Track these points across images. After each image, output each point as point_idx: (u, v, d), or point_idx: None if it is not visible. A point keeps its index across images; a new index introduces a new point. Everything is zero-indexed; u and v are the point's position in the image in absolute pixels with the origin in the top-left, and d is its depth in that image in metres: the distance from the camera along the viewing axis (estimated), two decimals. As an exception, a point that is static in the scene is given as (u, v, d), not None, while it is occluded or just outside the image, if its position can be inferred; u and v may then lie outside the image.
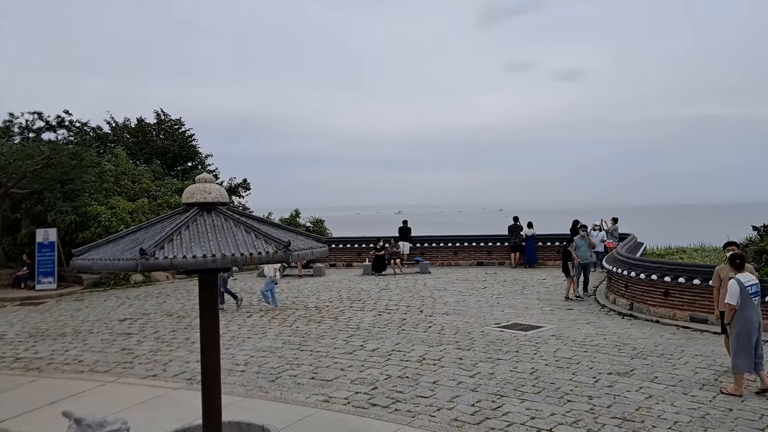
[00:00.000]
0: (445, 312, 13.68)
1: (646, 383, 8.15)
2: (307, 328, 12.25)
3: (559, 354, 9.75)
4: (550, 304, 14.63)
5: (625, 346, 10.25)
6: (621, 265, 14.21)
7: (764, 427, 6.53)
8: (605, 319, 12.89)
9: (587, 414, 7.00)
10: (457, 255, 23.44)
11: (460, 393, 7.84)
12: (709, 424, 6.65)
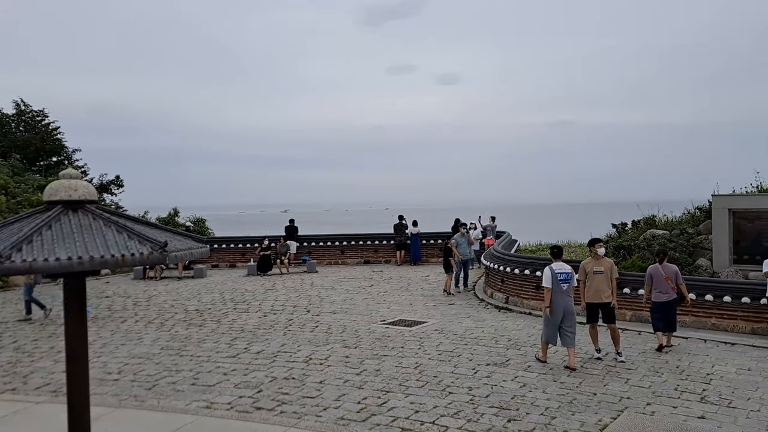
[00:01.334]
0: (332, 311, 13.69)
1: (520, 372, 8.64)
2: (187, 332, 11.73)
3: (442, 348, 10.09)
4: (434, 299, 15.12)
5: (502, 337, 10.82)
6: (497, 261, 14.98)
7: (623, 409, 7.16)
8: (484, 312, 13.53)
9: (467, 404, 7.30)
10: (344, 254, 23.55)
11: (346, 391, 7.87)
12: (576, 408, 7.17)
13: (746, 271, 13.33)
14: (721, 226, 13.90)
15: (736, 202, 14.06)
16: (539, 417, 6.88)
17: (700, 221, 15.21)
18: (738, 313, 11.03)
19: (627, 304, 12.15)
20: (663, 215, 17.07)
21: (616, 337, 9.41)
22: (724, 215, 13.85)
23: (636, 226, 16.78)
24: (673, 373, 8.54)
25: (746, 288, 11.12)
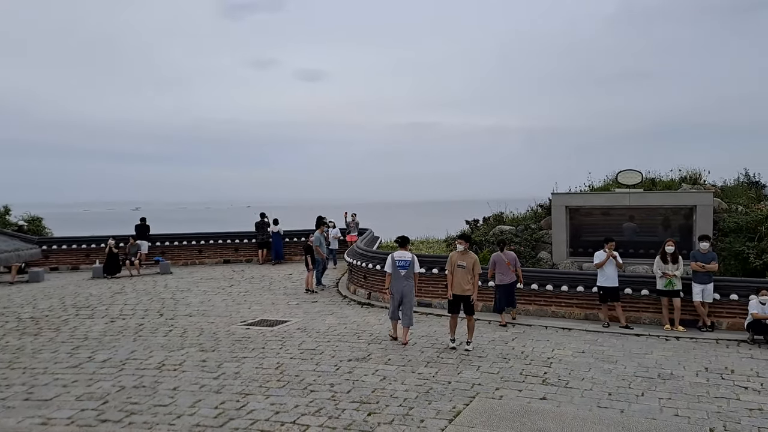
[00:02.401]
0: (188, 314, 13.04)
1: (381, 366, 8.82)
2: (20, 342, 10.55)
3: (304, 346, 10.01)
4: (297, 298, 14.98)
5: (364, 333, 10.98)
6: (360, 258, 15.19)
7: (474, 395, 7.56)
8: (347, 309, 13.64)
9: (329, 401, 7.30)
10: (202, 253, 22.57)
11: (202, 397, 7.52)
12: (432, 397, 7.46)
13: (581, 262, 14.73)
14: (559, 221, 15.23)
15: (572, 200, 15.49)
16: (398, 408, 7.06)
17: (541, 217, 16.56)
18: (574, 301, 12.15)
19: (479, 296, 12.88)
20: (510, 212, 18.37)
21: (471, 327, 9.94)
22: (561, 212, 15.20)
23: (486, 222, 17.90)
24: (518, 359, 9.19)
25: (581, 278, 12.28)
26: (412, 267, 10.27)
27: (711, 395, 7.47)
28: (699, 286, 10.81)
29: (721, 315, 11.02)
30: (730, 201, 15.47)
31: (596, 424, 6.53)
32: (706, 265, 10.82)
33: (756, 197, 16.45)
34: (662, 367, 8.71)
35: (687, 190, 15.52)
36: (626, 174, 15.62)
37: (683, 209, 14.42)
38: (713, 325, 10.91)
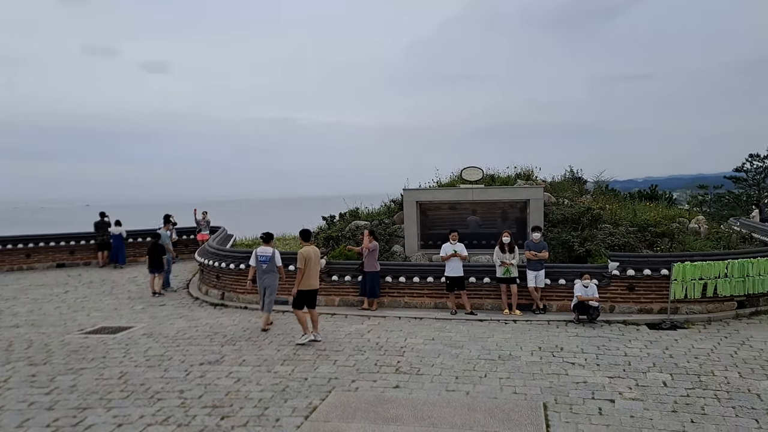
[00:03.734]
0: (14, 324, 11.72)
1: (235, 368, 8.58)
2: None
3: (151, 353, 9.44)
4: (142, 302, 14.07)
5: (217, 335, 10.60)
6: (212, 257, 14.63)
7: (331, 389, 7.63)
8: (198, 311, 13.08)
9: (178, 409, 6.96)
10: (30, 257, 20.34)
11: (32, 415, 6.81)
12: (288, 395, 7.41)
13: (430, 254, 15.44)
14: (411, 216, 15.85)
15: (422, 195, 16.18)
16: (253, 410, 6.92)
17: (394, 212, 17.10)
18: (425, 291, 12.71)
19: (336, 290, 13.03)
20: (365, 208, 18.75)
21: (316, 320, 10.10)
22: (412, 207, 15.82)
23: (343, 218, 18.11)
24: (373, 350, 9.43)
25: (430, 269, 12.88)
26: (273, 261, 10.94)
27: (544, 372, 8.22)
28: (532, 273, 11.84)
29: (551, 298, 12.15)
30: (558, 195, 17.09)
31: (445, 407, 6.90)
32: (538, 254, 11.87)
33: (579, 191, 18.36)
34: (502, 349, 9.42)
35: (521, 185, 16.89)
36: (469, 171, 16.65)
37: (519, 203, 15.67)
38: (545, 307, 12.01)
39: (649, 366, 8.36)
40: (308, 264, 9.86)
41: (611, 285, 11.77)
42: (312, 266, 9.93)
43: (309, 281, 9.92)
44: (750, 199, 35.42)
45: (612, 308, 11.72)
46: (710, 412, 6.65)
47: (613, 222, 15.33)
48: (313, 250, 10.09)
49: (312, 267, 9.93)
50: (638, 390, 7.40)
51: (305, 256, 9.89)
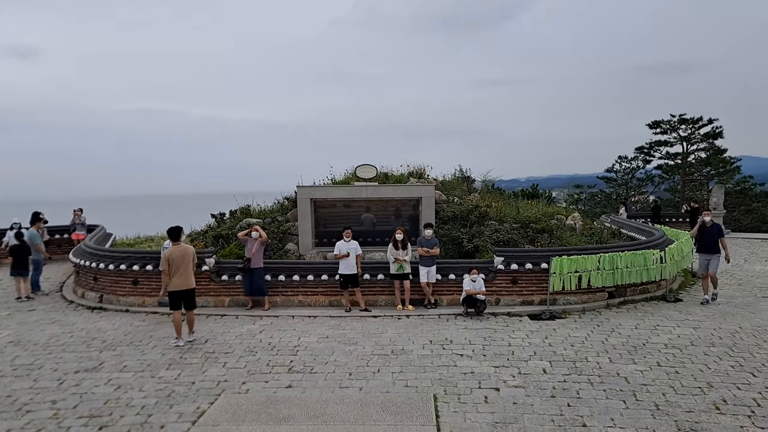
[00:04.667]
0: None
1: (115, 374, 8.06)
2: None
3: (18, 361, 8.65)
4: (8, 307, 12.85)
5: (94, 340, 9.90)
6: (89, 257, 13.65)
7: (220, 392, 7.37)
8: (73, 315, 12.14)
9: (50, 420, 6.43)
10: None
11: None
12: (174, 401, 7.07)
13: (325, 252, 15.38)
14: (305, 213, 15.69)
15: (316, 192, 16.07)
16: (135, 417, 6.54)
17: (288, 210, 16.86)
18: (319, 289, 12.64)
19: (225, 291, 12.62)
20: (257, 205, 18.32)
21: (192, 321, 9.87)
22: (306, 204, 15.67)
23: (233, 215, 17.58)
24: (266, 351, 9.23)
25: (325, 267, 12.82)
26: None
27: (434, 364, 8.45)
28: (424, 269, 12.14)
29: (442, 293, 12.52)
30: (448, 193, 17.66)
31: (338, 404, 6.89)
32: (430, 250, 12.19)
33: (467, 190, 19.10)
34: (395, 344, 9.58)
35: (414, 183, 17.29)
36: (363, 168, 16.77)
37: (412, 201, 16.01)
38: (436, 302, 12.35)
39: (531, 355, 8.85)
40: (173, 264, 9.57)
41: (497, 279, 12.32)
42: (180, 266, 9.61)
43: (178, 281, 9.61)
44: (619, 197, 38.57)
45: (498, 301, 12.28)
46: (584, 395, 7.15)
47: (498, 219, 16.08)
48: (180, 249, 9.74)
49: (181, 267, 9.62)
50: (521, 378, 7.80)
51: (168, 256, 9.57)
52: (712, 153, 37.42)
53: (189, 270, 9.77)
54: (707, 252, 12.66)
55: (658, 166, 39.59)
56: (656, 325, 10.51)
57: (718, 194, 26.35)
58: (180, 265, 9.63)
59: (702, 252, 12.78)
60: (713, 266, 12.53)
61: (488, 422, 6.39)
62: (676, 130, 37.76)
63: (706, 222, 12.73)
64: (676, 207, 34.45)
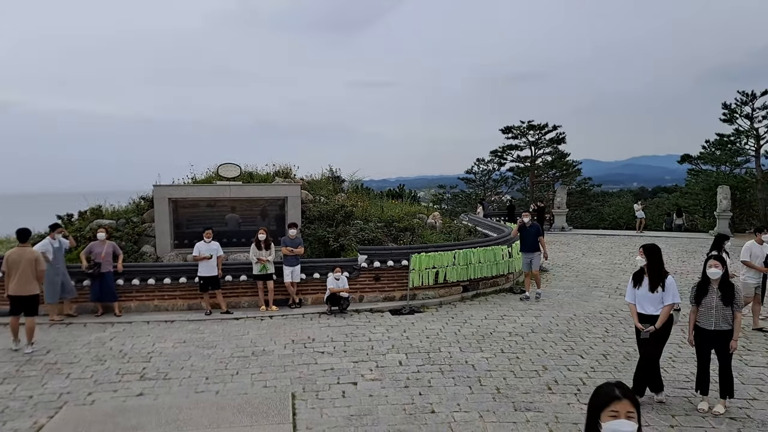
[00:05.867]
0: None
1: (-65, 394, 7.23)
2: None
3: None
4: None
5: None
6: None
7: (62, 405, 6.88)
8: None
9: None
10: None
11: None
12: (8, 417, 6.51)
13: (185, 254, 14.80)
14: (163, 214, 15.00)
15: (175, 191, 15.42)
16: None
17: (144, 210, 16.00)
18: (177, 293, 12.16)
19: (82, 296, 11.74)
20: (110, 205, 17.18)
21: (31, 329, 9.25)
22: (164, 204, 14.99)
23: (83, 216, 16.35)
24: (116, 359, 8.75)
25: (183, 269, 12.36)
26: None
27: (295, 363, 8.51)
28: (288, 269, 12.13)
29: (307, 292, 12.59)
30: (315, 193, 17.75)
31: (192, 409, 6.73)
32: (294, 249, 12.21)
33: (334, 190, 19.32)
34: (256, 345, 9.50)
35: (280, 183, 17.18)
36: (226, 167, 16.37)
37: (278, 200, 15.89)
38: (301, 301, 12.40)
39: (389, 348, 9.20)
40: (16, 268, 8.91)
41: (360, 276, 12.63)
42: (17, 270, 8.92)
43: (18, 286, 8.93)
44: (477, 197, 40.95)
45: (361, 298, 12.59)
46: (435, 384, 7.59)
47: (364, 218, 16.46)
48: (18, 252, 9.04)
49: (18, 271, 8.92)
50: (378, 371, 8.10)
51: (9, 259, 8.88)
52: (556, 157, 40.91)
53: (28, 275, 9.01)
54: (528, 251, 13.07)
55: (511, 168, 42.57)
56: (503, 315, 11.37)
57: (562, 194, 28.94)
58: (17, 269, 8.87)
59: (523, 251, 13.24)
60: (535, 264, 13.08)
61: (344, 416, 6.58)
62: (525, 135, 40.83)
63: (525, 222, 13.14)
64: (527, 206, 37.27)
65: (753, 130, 32.17)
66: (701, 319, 6.68)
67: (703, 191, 33.62)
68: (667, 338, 6.87)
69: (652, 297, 6.77)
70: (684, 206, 34.63)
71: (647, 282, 6.81)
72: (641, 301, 6.89)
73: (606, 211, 39.26)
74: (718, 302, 6.55)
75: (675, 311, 6.98)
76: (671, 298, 6.70)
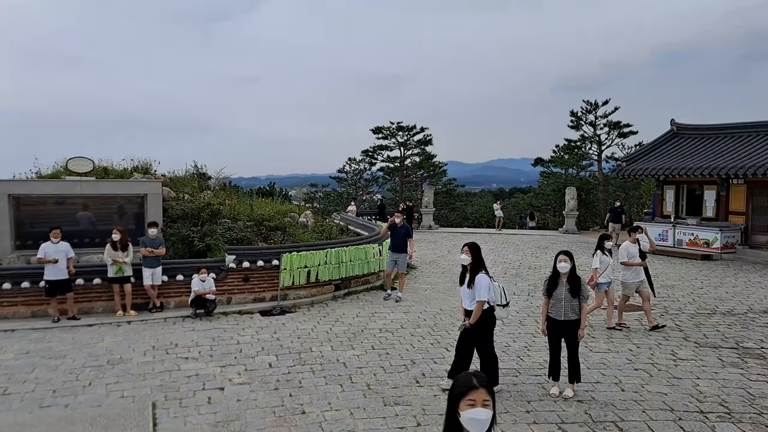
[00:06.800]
0: None
1: None
2: None
3: None
4: None
5: None
6: None
7: None
8: None
9: None
10: None
11: None
12: None
13: (28, 256, 13.40)
14: (1, 212, 13.49)
15: (17, 188, 13.88)
16: None
17: (-21, 208, 14.28)
18: (19, 299, 10.98)
19: None
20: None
21: None
22: (4, 201, 13.45)
23: None
24: (-59, 376, 7.70)
25: (26, 273, 11.18)
26: None
27: (156, 371, 8.00)
28: (149, 270, 11.40)
29: (169, 295, 11.92)
30: (178, 190, 16.86)
31: (37, 426, 6.10)
32: (155, 250, 11.50)
33: (200, 187, 18.49)
34: (112, 353, 8.82)
35: (138, 179, 16.11)
36: (77, 161, 15.04)
37: (136, 197, 14.88)
38: (163, 305, 11.70)
39: (258, 350, 8.97)
40: None
41: (228, 277, 12.19)
42: None
43: None
44: (349, 196, 41.32)
45: (229, 300, 12.16)
46: (306, 384, 7.50)
47: (232, 217, 15.92)
48: None
49: None
50: (246, 374, 7.85)
51: None
52: (424, 158, 42.40)
53: None
54: (396, 251, 12.90)
55: (381, 168, 43.45)
56: (374, 313, 11.55)
57: (429, 194, 30.06)
58: None
59: (392, 251, 13.08)
60: (401, 266, 12.98)
61: (210, 423, 6.29)
62: (395, 136, 41.86)
63: (396, 222, 13.16)
64: (397, 206, 38.27)
65: (596, 136, 35.54)
66: (552, 311, 7.22)
67: (553, 192, 36.60)
68: (486, 333, 7.13)
69: (469, 293, 7.12)
70: (537, 206, 37.48)
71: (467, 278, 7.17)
72: (463, 296, 7.27)
73: (469, 210, 41.39)
74: (567, 294, 7.11)
75: (502, 308, 7.36)
76: (478, 295, 6.98)
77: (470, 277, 7.13)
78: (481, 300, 6.99)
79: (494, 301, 7.23)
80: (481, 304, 7.01)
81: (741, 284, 14.76)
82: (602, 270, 10.36)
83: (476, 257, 7.22)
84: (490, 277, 7.22)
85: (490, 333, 7.25)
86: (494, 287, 7.25)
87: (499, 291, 7.36)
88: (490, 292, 7.11)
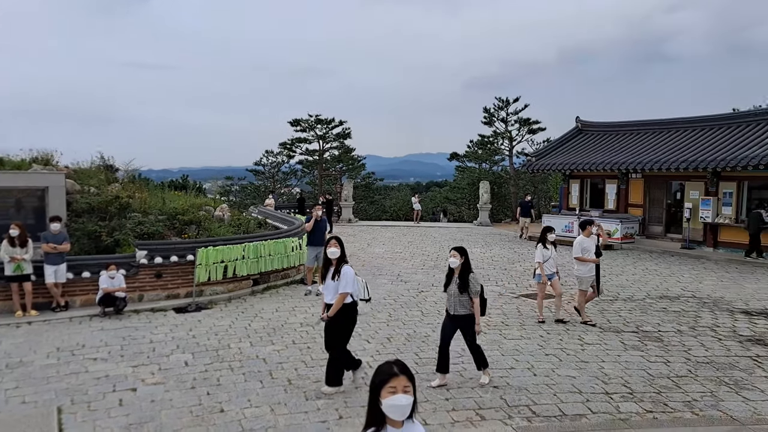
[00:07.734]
0: None
1: None
2: None
3: None
4: None
5: None
6: None
7: None
8: None
9: None
10: None
11: None
12: None
13: None
14: None
15: None
16: None
17: None
18: None
19: None
20: None
21: None
22: None
23: None
24: None
25: None
26: None
27: (61, 374, 7.54)
28: (51, 267, 10.70)
29: (75, 293, 11.25)
30: (84, 183, 15.90)
31: (-77, 441, 5.58)
32: (58, 246, 10.81)
33: (107, 179, 17.53)
34: (11, 356, 8.23)
35: (38, 171, 15.06)
36: (-33, 151, 13.88)
37: (36, 190, 13.88)
38: (67, 304, 11.03)
39: (173, 349, 8.65)
40: None
41: (139, 274, 11.67)
42: None
43: None
44: (267, 189, 40.61)
45: (141, 297, 11.65)
46: (224, 381, 7.32)
47: (143, 211, 15.21)
48: None
49: None
50: (161, 374, 7.56)
51: None
52: (343, 151, 42.37)
53: None
54: (318, 245, 12.50)
55: (300, 161, 43.01)
56: (294, 307, 11.43)
57: (348, 187, 30.09)
58: None
59: (312, 245, 12.95)
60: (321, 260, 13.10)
61: (122, 426, 6.01)
62: (313, 128, 41.53)
63: (318, 216, 13.12)
64: (317, 199, 38.05)
65: (507, 132, 36.87)
66: (447, 304, 7.38)
67: (468, 186, 37.64)
68: (344, 329, 7.01)
69: (333, 285, 6.99)
70: (453, 199, 38.39)
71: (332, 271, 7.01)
72: (326, 291, 7.12)
73: (388, 203, 41.80)
74: (455, 289, 7.23)
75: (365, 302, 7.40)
76: (342, 287, 6.89)
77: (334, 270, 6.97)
78: (344, 292, 6.87)
79: (357, 295, 7.17)
80: (344, 296, 6.88)
81: (639, 272, 15.82)
82: (544, 262, 10.36)
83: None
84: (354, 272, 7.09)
85: (348, 329, 7.05)
86: (357, 281, 7.17)
87: (362, 285, 7.37)
88: (355, 285, 7.01)
